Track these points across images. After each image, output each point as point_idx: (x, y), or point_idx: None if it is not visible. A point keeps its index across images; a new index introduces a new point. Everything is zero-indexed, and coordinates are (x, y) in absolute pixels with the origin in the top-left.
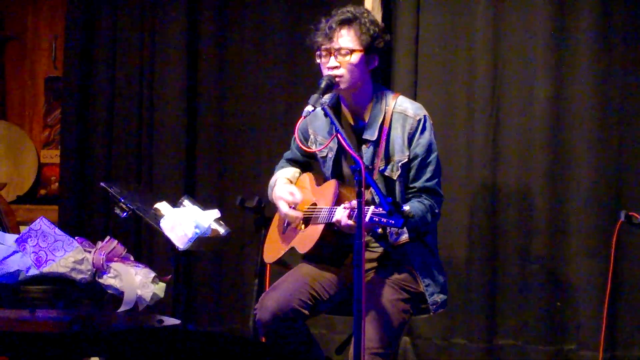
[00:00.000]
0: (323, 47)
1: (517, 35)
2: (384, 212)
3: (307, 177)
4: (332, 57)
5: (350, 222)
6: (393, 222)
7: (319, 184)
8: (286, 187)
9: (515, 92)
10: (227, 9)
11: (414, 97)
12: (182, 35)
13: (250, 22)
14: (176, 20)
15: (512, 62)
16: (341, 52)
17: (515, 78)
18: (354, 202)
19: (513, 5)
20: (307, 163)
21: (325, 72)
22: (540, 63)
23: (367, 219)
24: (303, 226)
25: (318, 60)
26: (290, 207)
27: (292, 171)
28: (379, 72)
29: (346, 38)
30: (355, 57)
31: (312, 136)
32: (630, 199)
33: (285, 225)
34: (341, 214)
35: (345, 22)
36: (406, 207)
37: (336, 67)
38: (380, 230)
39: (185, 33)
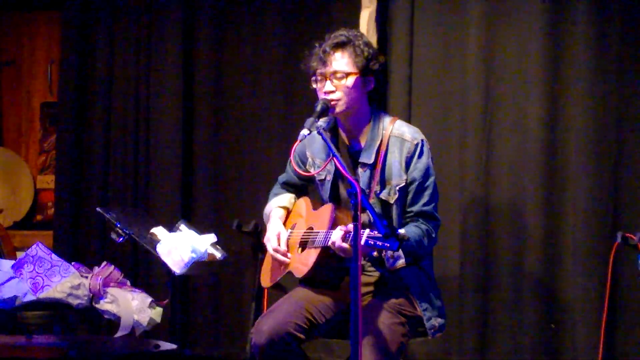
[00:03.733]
0: (318, 71)
1: (510, 54)
2: (379, 235)
3: (304, 202)
4: (328, 82)
5: (346, 245)
6: (388, 245)
7: (315, 207)
8: (276, 227)
9: (509, 110)
10: (222, 32)
11: (408, 117)
12: (178, 59)
13: (246, 44)
14: (172, 45)
15: (505, 81)
16: (336, 76)
17: (509, 97)
18: (350, 226)
19: (506, 24)
20: (302, 187)
21: (322, 96)
22: (533, 81)
23: (362, 242)
24: (300, 250)
25: (314, 85)
26: (274, 250)
27: (287, 198)
28: (374, 93)
29: (341, 62)
30: (350, 80)
31: (310, 159)
32: (626, 219)
33: None
34: (337, 237)
35: (339, 46)
36: (401, 231)
37: (332, 92)
38: (375, 253)
39: (182, 57)
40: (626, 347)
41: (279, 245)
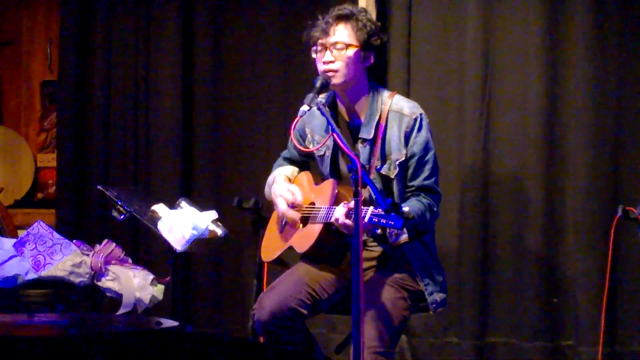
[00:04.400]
0: (319, 41)
1: (509, 27)
2: (383, 212)
3: (305, 176)
4: (328, 51)
5: (349, 221)
6: (393, 223)
7: (317, 182)
8: (286, 185)
9: (508, 84)
10: (222, 12)
11: (407, 94)
12: (178, 37)
13: (245, 24)
14: (171, 23)
15: (505, 55)
16: (337, 46)
17: (508, 70)
18: (353, 202)
19: (505, 2)
20: (304, 162)
21: (321, 66)
22: (533, 54)
23: (366, 219)
24: (301, 225)
25: (314, 55)
26: (288, 205)
27: (291, 169)
28: (374, 69)
29: (342, 32)
30: (350, 52)
31: (309, 135)
32: (627, 192)
33: (283, 223)
34: (340, 213)
35: (342, 18)
36: (405, 208)
37: (331, 62)
38: (379, 231)
39: (181, 35)
40: (627, 321)
41: (295, 198)
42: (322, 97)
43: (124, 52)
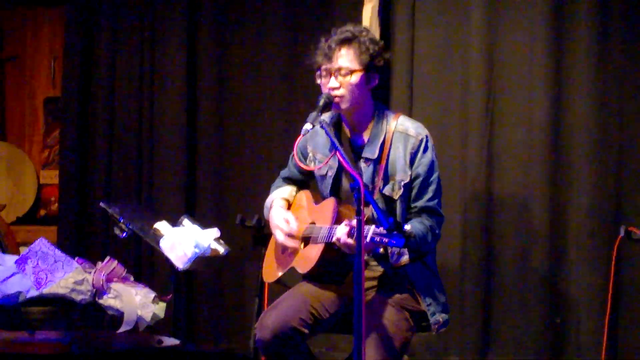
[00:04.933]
0: (323, 67)
1: (513, 46)
2: (385, 232)
3: (304, 195)
4: (332, 78)
5: (351, 241)
6: (395, 242)
7: (316, 201)
8: (282, 213)
9: (512, 104)
10: (225, 27)
11: (410, 111)
12: (182, 53)
13: (249, 40)
14: (175, 40)
15: (508, 74)
16: (341, 72)
17: (512, 89)
18: (354, 221)
19: (509, 16)
20: (304, 181)
21: (326, 91)
22: (537, 74)
23: (368, 239)
24: (302, 245)
25: (318, 81)
26: (286, 235)
27: (289, 190)
28: (378, 87)
29: (346, 58)
30: (355, 77)
31: (310, 154)
32: (629, 212)
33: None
34: (341, 232)
35: (345, 42)
36: (407, 227)
37: (337, 88)
38: (381, 250)
39: (185, 51)
40: (629, 342)
41: (291, 228)
42: (326, 117)
43: (128, 68)
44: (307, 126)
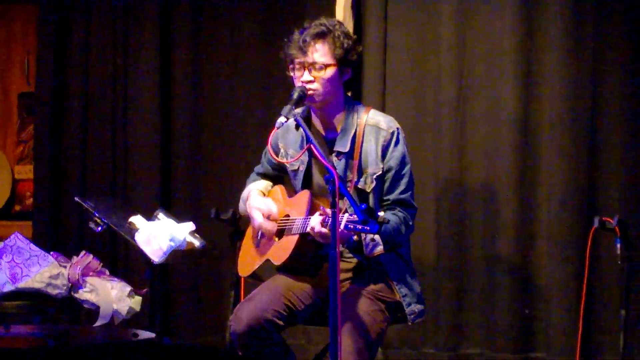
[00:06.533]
0: (297, 60)
1: (483, 40)
2: (358, 219)
3: (279, 189)
4: (306, 72)
5: (325, 230)
6: (369, 228)
7: (290, 195)
8: (261, 198)
9: (482, 96)
10: (200, 25)
11: (382, 105)
12: (156, 50)
13: (224, 35)
14: (149, 36)
15: (479, 67)
16: (315, 67)
17: (482, 82)
18: (329, 210)
19: (480, 10)
20: (277, 177)
21: (298, 84)
22: (507, 67)
23: (342, 226)
24: (277, 238)
25: (291, 73)
26: (265, 217)
27: (265, 184)
28: (350, 81)
29: (320, 52)
30: (329, 72)
31: (282, 150)
32: (602, 203)
33: (259, 237)
34: (315, 222)
35: (319, 36)
36: (380, 213)
37: (310, 82)
38: (355, 237)
39: (159, 48)
40: (602, 331)
41: (270, 209)
42: (298, 110)
43: (101, 63)
44: (281, 119)
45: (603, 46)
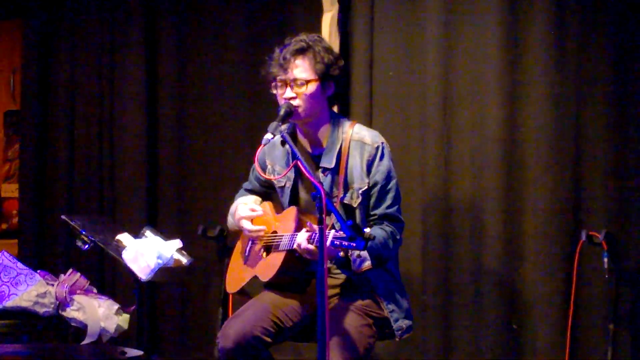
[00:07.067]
0: (278, 78)
1: (468, 54)
2: (345, 235)
3: (268, 205)
4: (288, 88)
5: (311, 246)
6: (355, 244)
7: (278, 212)
8: (247, 206)
9: (468, 110)
10: (185, 37)
11: (369, 118)
12: (141, 66)
13: (210, 50)
14: (135, 51)
15: (464, 81)
16: (297, 83)
17: (467, 97)
18: (315, 226)
19: (464, 25)
20: (266, 193)
21: (281, 102)
22: (492, 81)
23: (328, 242)
24: (265, 254)
25: (274, 91)
26: (252, 222)
27: (252, 199)
28: (337, 97)
29: (301, 68)
30: (311, 87)
31: (269, 166)
32: (588, 217)
33: (247, 254)
34: (302, 238)
35: (300, 52)
36: (367, 229)
37: (293, 98)
38: (342, 254)
39: (145, 64)
40: (590, 346)
41: (258, 213)
42: (284, 126)
43: (87, 80)
44: (268, 136)
45: (588, 54)
